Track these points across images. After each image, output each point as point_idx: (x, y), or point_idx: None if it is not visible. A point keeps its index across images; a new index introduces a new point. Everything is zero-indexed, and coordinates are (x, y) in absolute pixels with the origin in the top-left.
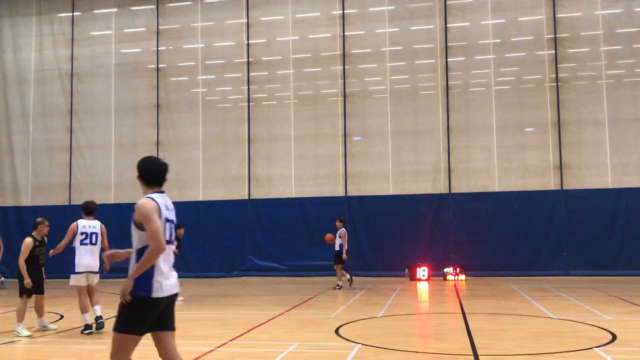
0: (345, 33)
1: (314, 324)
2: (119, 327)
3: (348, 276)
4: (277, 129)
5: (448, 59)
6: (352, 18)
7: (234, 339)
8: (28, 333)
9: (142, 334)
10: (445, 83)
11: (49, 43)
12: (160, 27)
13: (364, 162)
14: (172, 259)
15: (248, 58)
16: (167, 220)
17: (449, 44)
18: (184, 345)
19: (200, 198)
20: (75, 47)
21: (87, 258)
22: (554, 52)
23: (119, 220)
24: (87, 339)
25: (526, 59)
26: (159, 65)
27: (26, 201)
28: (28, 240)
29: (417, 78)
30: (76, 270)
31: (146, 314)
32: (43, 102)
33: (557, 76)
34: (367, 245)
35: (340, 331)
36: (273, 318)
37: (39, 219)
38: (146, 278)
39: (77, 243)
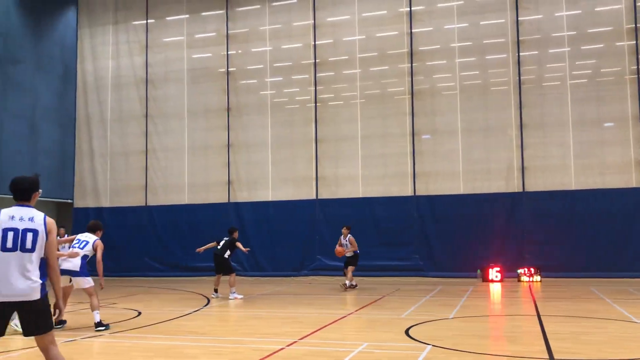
0: (413, 30)
1: (384, 324)
2: None
3: (348, 282)
4: (344, 129)
5: (520, 53)
6: (420, 15)
7: (303, 337)
8: None
9: None
10: (517, 78)
11: (124, 51)
12: (229, 32)
13: (433, 161)
14: (16, 266)
15: (315, 59)
16: (9, 229)
17: (521, 38)
18: (254, 343)
19: (270, 198)
20: (149, 54)
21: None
22: (634, 42)
23: (191, 220)
24: (164, 334)
25: (604, 50)
26: (228, 69)
27: (106, 202)
28: None
29: (488, 74)
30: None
31: None
32: (120, 108)
33: (638, 68)
34: (437, 245)
35: (411, 332)
36: (342, 317)
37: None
38: None
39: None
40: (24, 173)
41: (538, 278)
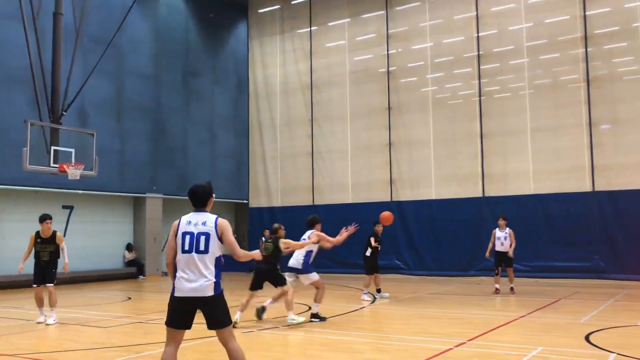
0: (587, 13)
1: (561, 328)
2: None
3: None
4: (511, 122)
5: None
6: None
7: (472, 338)
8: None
9: (169, 325)
10: None
11: (290, 58)
12: (389, 32)
13: (614, 153)
14: (193, 266)
15: (478, 51)
16: (187, 233)
17: None
18: (421, 342)
19: (433, 196)
20: (313, 60)
21: None
22: None
23: (355, 218)
24: (334, 329)
25: None
26: (389, 69)
27: (277, 202)
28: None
29: None
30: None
31: (172, 309)
32: (287, 112)
33: None
34: (621, 245)
35: (591, 338)
36: (514, 320)
37: (275, 225)
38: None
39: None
40: (205, 176)
41: None
